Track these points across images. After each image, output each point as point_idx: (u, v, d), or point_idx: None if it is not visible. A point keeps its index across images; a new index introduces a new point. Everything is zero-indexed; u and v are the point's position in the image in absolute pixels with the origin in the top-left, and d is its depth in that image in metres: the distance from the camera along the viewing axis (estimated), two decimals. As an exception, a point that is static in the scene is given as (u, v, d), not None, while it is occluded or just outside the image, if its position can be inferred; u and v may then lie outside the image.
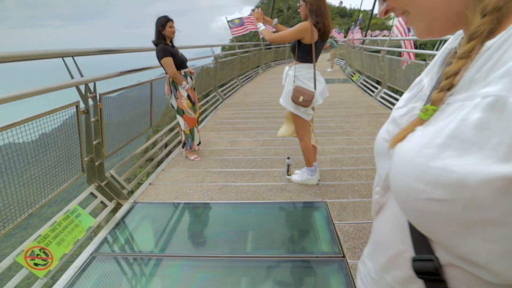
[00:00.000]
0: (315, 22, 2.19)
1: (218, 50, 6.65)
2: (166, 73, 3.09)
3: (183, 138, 3.44)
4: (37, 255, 1.64)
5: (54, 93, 1.95)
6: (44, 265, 1.64)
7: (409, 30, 7.28)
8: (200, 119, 5.28)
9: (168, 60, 2.98)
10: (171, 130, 4.44)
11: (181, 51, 3.27)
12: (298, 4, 2.28)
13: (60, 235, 1.82)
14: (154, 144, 3.93)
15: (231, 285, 1.76)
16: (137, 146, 3.68)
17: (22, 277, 1.63)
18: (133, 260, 2.00)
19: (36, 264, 1.60)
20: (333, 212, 2.27)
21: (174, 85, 3.14)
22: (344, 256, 1.83)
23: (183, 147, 3.52)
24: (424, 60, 4.44)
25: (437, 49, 4.38)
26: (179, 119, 3.31)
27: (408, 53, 5.96)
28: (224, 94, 7.24)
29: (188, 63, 3.27)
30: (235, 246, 2.04)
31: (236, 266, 1.87)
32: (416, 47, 6.84)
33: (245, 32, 9.33)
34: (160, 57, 3.00)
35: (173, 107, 3.29)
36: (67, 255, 1.83)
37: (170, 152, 3.82)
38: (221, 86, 7.48)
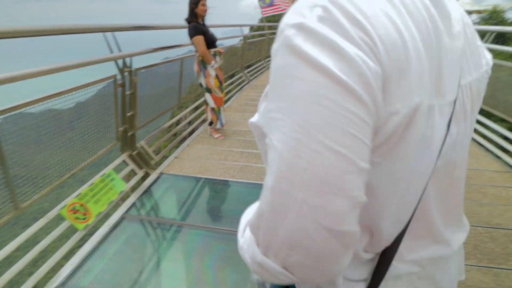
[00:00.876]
0: None
1: (246, 30, 6.57)
2: (196, 51, 3.17)
3: (210, 116, 3.55)
4: (78, 210, 1.86)
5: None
6: (84, 219, 1.87)
7: None
8: (225, 99, 5.39)
9: (199, 39, 3.05)
10: (196, 108, 4.58)
11: (211, 30, 3.33)
12: None
13: (97, 195, 2.04)
14: (179, 121, 4.10)
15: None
16: (164, 122, 3.87)
17: (65, 228, 1.86)
18: (157, 224, 2.19)
19: (77, 218, 1.83)
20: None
21: (203, 63, 3.22)
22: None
23: (209, 124, 3.64)
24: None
25: (486, 41, 4.03)
26: (207, 97, 3.41)
27: None
28: (251, 76, 7.24)
29: (217, 42, 3.33)
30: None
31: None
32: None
33: (276, 13, 9.11)
34: (191, 34, 3.07)
35: (201, 85, 3.39)
36: (102, 214, 2.06)
37: (194, 129, 3.98)
38: (248, 67, 7.47)
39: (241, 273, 1.75)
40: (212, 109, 3.47)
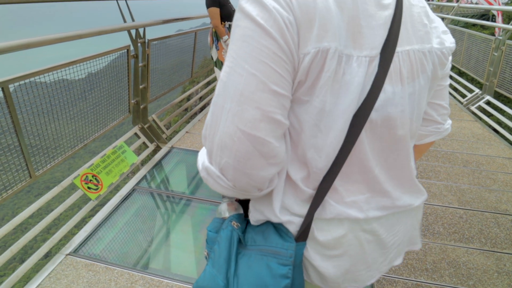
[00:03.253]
0: None
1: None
2: (211, 22, 3.07)
3: None
4: (90, 180, 1.89)
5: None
6: (96, 189, 1.90)
7: None
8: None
9: (214, 10, 2.94)
10: (208, 83, 4.51)
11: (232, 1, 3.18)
12: None
13: (109, 167, 2.06)
14: (190, 95, 4.05)
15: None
16: (175, 96, 3.83)
17: (77, 198, 1.90)
18: (166, 197, 2.23)
19: (89, 188, 1.86)
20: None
21: (217, 36, 3.12)
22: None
23: None
24: (493, 34, 3.91)
25: None
26: (217, 72, 3.35)
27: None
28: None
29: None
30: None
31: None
32: (488, 20, 6.02)
33: None
34: (207, 5, 2.95)
35: (212, 58, 3.31)
36: (113, 185, 2.09)
37: (205, 105, 3.94)
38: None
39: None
40: None
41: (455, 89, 4.81)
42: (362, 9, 0.46)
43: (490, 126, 3.48)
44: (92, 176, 1.91)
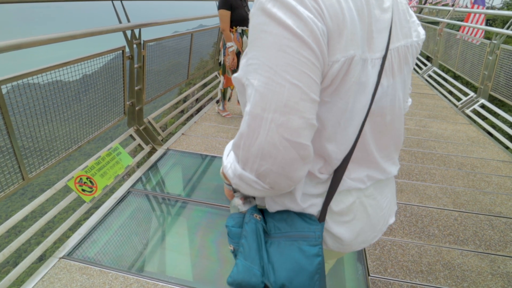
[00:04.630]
0: None
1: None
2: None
3: (219, 95, 3.48)
4: (84, 182, 1.87)
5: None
6: (90, 192, 1.88)
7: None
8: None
9: (224, 13, 2.82)
10: (204, 85, 4.51)
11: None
12: None
13: (104, 169, 2.04)
14: (186, 97, 4.04)
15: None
16: (171, 98, 3.82)
17: (71, 200, 1.88)
18: (162, 199, 2.21)
19: (83, 190, 1.84)
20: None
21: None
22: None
23: (217, 102, 3.59)
24: (489, 39, 3.95)
25: (508, 27, 3.81)
26: (220, 76, 3.32)
27: (476, 30, 5.34)
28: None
29: None
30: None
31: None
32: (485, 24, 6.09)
33: None
34: (218, 7, 2.85)
35: (219, 64, 3.25)
36: (108, 187, 2.07)
37: (202, 107, 3.93)
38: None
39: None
40: (219, 89, 3.39)
41: (450, 93, 4.85)
42: (373, 14, 0.51)
43: (484, 129, 3.51)
44: (87, 178, 1.89)
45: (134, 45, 2.34)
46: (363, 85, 0.52)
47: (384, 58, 0.54)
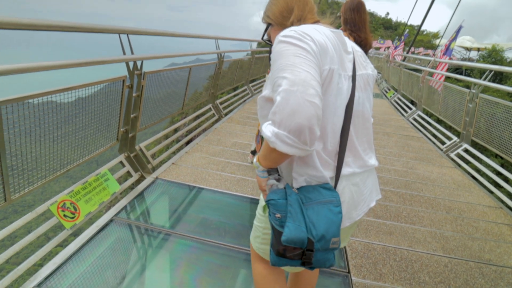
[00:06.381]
0: (349, 32, 2.06)
1: (254, 45, 6.68)
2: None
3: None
4: (67, 208, 1.79)
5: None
6: (72, 218, 1.79)
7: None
8: (227, 110, 5.39)
9: None
10: (198, 117, 4.56)
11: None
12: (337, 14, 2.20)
13: (89, 194, 1.97)
14: (178, 127, 4.07)
15: (231, 274, 1.83)
16: (164, 126, 3.83)
17: (51, 225, 1.79)
18: (145, 230, 2.12)
19: (65, 216, 1.76)
20: (345, 225, 2.28)
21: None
22: (349, 272, 1.84)
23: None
24: (468, 87, 4.22)
25: (485, 78, 4.10)
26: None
27: (442, 76, 5.75)
28: (255, 90, 7.32)
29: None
30: (242, 239, 2.11)
31: (238, 258, 1.94)
32: (461, 73, 6.56)
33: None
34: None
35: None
36: (91, 214, 1.99)
37: (193, 138, 3.95)
38: (252, 81, 7.55)
39: (229, 291, 1.68)
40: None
41: (435, 136, 5.05)
42: (342, 52, 0.88)
43: (469, 173, 3.61)
44: (70, 204, 1.82)
45: (135, 75, 2.40)
46: (340, 89, 0.84)
47: (354, 77, 0.88)
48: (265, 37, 1.09)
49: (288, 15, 0.95)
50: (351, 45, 0.94)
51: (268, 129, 0.77)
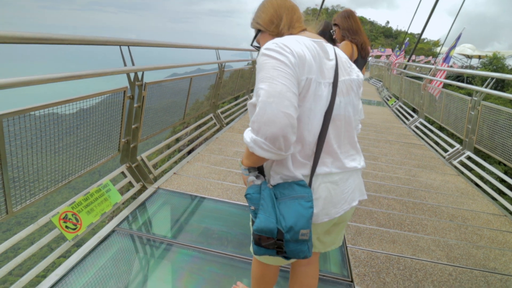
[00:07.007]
0: (352, 38, 2.28)
1: (255, 55, 6.79)
2: None
3: None
4: (69, 219, 1.80)
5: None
6: (74, 229, 1.80)
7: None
8: (228, 120, 5.42)
9: None
10: (199, 126, 4.59)
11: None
12: (331, 31, 2.32)
13: (91, 205, 1.98)
14: (180, 137, 4.09)
15: (233, 284, 1.81)
16: (165, 136, 3.86)
17: (54, 236, 1.79)
18: (147, 240, 2.12)
19: (67, 227, 1.77)
20: (348, 235, 2.26)
21: None
22: (352, 281, 1.81)
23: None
24: (470, 95, 4.23)
25: (487, 86, 4.10)
26: None
27: (440, 83, 5.78)
28: (257, 99, 7.35)
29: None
30: (244, 248, 2.10)
31: (241, 267, 1.93)
32: (463, 81, 6.58)
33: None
34: None
35: None
36: (93, 224, 1.99)
37: (195, 147, 3.97)
38: (253, 91, 7.58)
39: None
40: None
41: (437, 143, 5.03)
42: (323, 60, 0.93)
43: (472, 180, 3.58)
44: (72, 215, 1.82)
45: (136, 86, 2.43)
46: (319, 96, 0.91)
47: (335, 84, 0.94)
48: (255, 43, 1.13)
49: (277, 22, 1.01)
50: (334, 52, 0.99)
51: (248, 135, 0.87)
